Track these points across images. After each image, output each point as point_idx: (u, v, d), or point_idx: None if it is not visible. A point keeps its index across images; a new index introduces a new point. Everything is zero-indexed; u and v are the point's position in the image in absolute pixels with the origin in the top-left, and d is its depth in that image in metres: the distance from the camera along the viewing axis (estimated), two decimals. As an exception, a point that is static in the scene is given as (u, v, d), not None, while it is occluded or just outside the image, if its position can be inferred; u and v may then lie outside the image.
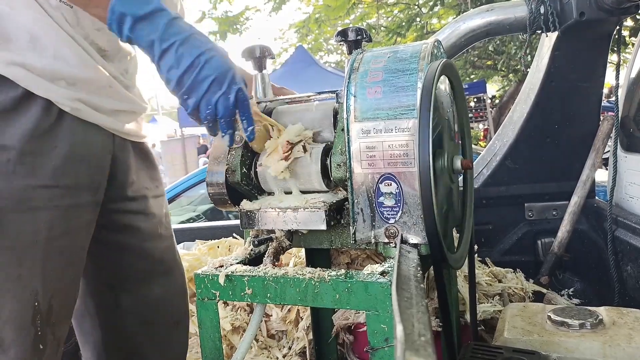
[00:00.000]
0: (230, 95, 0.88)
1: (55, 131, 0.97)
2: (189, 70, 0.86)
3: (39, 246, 0.96)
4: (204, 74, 0.86)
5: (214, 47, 0.89)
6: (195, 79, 0.86)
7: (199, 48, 0.87)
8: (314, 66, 8.76)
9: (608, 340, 1.06)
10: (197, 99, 0.87)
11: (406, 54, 0.94)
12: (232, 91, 0.88)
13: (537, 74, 1.96)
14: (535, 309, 1.26)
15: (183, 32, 0.87)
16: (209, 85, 0.86)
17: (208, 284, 0.94)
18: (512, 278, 1.82)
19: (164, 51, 0.86)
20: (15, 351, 0.93)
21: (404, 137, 0.88)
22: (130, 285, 1.20)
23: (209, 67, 0.86)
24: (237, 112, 0.91)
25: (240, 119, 0.92)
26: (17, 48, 0.92)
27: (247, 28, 11.32)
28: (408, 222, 0.90)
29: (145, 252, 1.20)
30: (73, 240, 1.02)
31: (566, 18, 1.73)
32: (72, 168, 1.00)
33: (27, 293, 0.95)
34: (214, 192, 1.08)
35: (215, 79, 0.87)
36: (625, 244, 1.66)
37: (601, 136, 1.92)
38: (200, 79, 0.86)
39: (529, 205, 2.04)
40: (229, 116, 0.89)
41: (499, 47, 7.44)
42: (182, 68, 0.86)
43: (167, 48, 0.86)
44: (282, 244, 1.02)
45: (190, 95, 0.87)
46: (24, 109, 0.94)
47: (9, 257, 0.92)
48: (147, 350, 1.24)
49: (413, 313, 0.60)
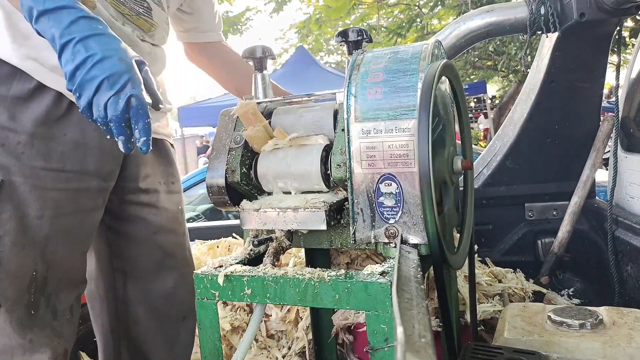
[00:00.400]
0: (120, 99, 0.82)
1: (65, 120, 1.06)
2: (81, 67, 0.82)
3: (44, 221, 1.04)
4: (94, 72, 0.82)
5: (119, 50, 0.85)
6: (84, 77, 0.82)
7: (99, 47, 0.83)
8: (315, 66, 8.77)
9: (608, 340, 1.06)
10: (88, 99, 0.83)
11: (407, 54, 0.94)
12: (124, 95, 0.82)
13: (537, 74, 1.96)
14: (536, 309, 1.26)
15: (87, 30, 0.84)
16: (98, 85, 0.82)
17: (207, 284, 0.94)
18: (512, 278, 1.82)
19: (63, 45, 0.83)
20: (15, 310, 1.01)
21: (404, 137, 0.88)
22: (140, 274, 1.27)
23: (100, 66, 0.82)
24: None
25: (133, 128, 0.85)
26: (35, 45, 1.01)
27: (248, 28, 11.33)
28: (408, 222, 0.90)
29: (156, 244, 1.27)
30: (80, 222, 1.11)
31: (566, 19, 1.73)
32: (81, 154, 1.08)
33: (29, 260, 1.03)
34: (213, 192, 1.08)
35: (105, 79, 0.82)
36: (626, 244, 1.66)
37: (601, 136, 1.92)
38: (90, 77, 0.82)
39: (529, 206, 2.04)
40: (117, 121, 0.83)
41: (499, 48, 7.44)
42: (74, 63, 0.82)
43: (66, 42, 0.83)
44: (282, 244, 1.02)
45: (81, 94, 0.84)
46: (37, 99, 1.04)
47: (17, 224, 1.02)
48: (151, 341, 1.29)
49: (413, 314, 0.60)
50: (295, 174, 1.02)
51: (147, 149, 0.87)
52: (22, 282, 1.02)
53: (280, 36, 14.33)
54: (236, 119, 1.10)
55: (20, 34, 1.02)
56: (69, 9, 0.84)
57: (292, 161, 1.03)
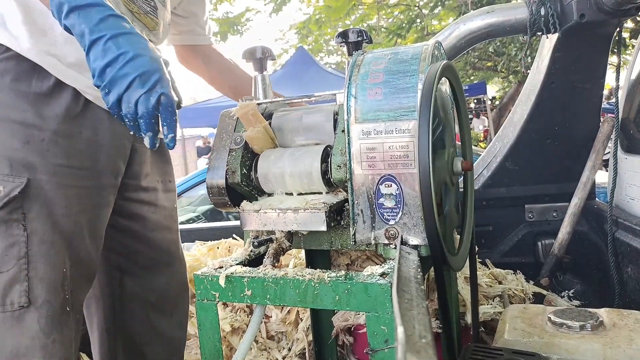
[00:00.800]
0: (151, 97, 0.85)
1: (81, 117, 1.08)
2: (112, 64, 0.84)
3: (70, 219, 1.05)
4: (126, 70, 0.84)
5: (148, 49, 0.88)
6: (116, 74, 0.84)
7: (130, 45, 0.85)
8: (315, 67, 8.76)
9: (608, 342, 1.06)
10: (117, 95, 0.85)
11: (407, 55, 0.94)
12: (155, 93, 0.85)
13: (537, 75, 1.96)
14: (536, 310, 1.25)
15: (117, 28, 0.86)
16: (130, 82, 0.84)
17: (208, 285, 0.94)
18: (513, 279, 1.82)
19: (92, 42, 0.84)
20: (46, 309, 1.02)
21: (404, 138, 0.88)
22: (136, 271, 1.28)
23: (133, 64, 0.84)
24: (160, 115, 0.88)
25: (162, 124, 0.89)
26: (53, 42, 1.02)
27: (248, 29, 11.34)
28: (408, 223, 0.90)
29: (152, 242, 1.28)
30: (96, 218, 1.13)
31: (566, 20, 1.73)
32: (95, 152, 1.10)
33: (59, 258, 1.04)
34: (214, 193, 1.08)
35: (138, 77, 0.84)
36: (626, 245, 1.66)
37: (601, 138, 1.92)
38: (122, 74, 0.84)
39: (529, 207, 2.04)
40: (148, 117, 0.86)
41: (499, 49, 7.45)
42: (105, 60, 0.84)
43: (96, 39, 0.84)
44: (282, 245, 1.02)
45: (110, 90, 0.85)
46: (56, 96, 1.04)
47: (45, 223, 1.02)
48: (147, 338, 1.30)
49: (414, 315, 0.60)
50: (296, 175, 1.02)
51: (174, 145, 0.93)
52: (53, 280, 1.03)
53: (280, 37, 14.35)
54: (236, 120, 1.10)
55: (38, 30, 1.02)
56: (98, 6, 0.86)
57: (293, 162, 1.02)
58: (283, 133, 1.11)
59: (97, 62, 0.85)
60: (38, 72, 1.03)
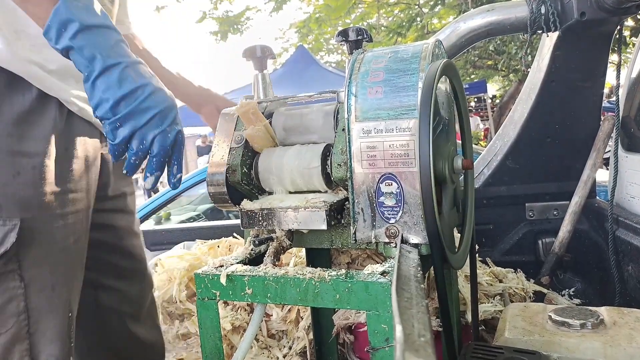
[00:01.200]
0: (170, 134, 0.81)
1: (67, 132, 0.96)
2: (130, 96, 0.78)
3: (67, 252, 0.94)
4: (148, 104, 0.78)
5: (159, 82, 0.83)
6: (136, 107, 0.78)
7: (146, 77, 0.80)
8: (315, 66, 8.75)
9: (609, 340, 1.06)
10: (132, 130, 0.78)
11: (407, 54, 0.94)
12: (174, 130, 0.81)
13: (537, 73, 1.96)
14: (536, 309, 1.25)
15: (131, 56, 0.81)
16: (150, 117, 0.79)
17: (208, 283, 0.94)
18: (513, 278, 1.82)
19: (107, 68, 0.77)
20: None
21: (404, 137, 0.88)
22: (110, 283, 1.18)
23: (154, 98, 0.79)
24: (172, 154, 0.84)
25: (172, 163, 0.85)
26: (30, 45, 0.89)
27: (248, 28, 11.32)
28: (409, 222, 0.90)
29: (124, 250, 1.20)
30: (83, 243, 1.02)
31: (567, 18, 1.73)
32: (86, 170, 1.00)
33: (62, 304, 0.94)
34: (214, 192, 1.08)
35: (159, 112, 0.79)
36: (626, 243, 1.66)
37: (602, 136, 1.92)
38: (143, 108, 0.78)
39: (530, 205, 2.04)
40: (163, 156, 0.81)
41: (499, 47, 7.44)
42: (123, 90, 0.77)
43: (112, 65, 0.78)
44: (282, 244, 1.02)
45: (124, 124, 0.78)
46: (40, 112, 0.91)
47: (43, 266, 0.90)
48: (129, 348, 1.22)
49: (413, 313, 0.60)
50: (296, 173, 1.02)
51: (179, 185, 0.87)
52: (58, 331, 0.92)
53: (280, 35, 14.33)
54: (237, 119, 1.10)
55: (11, 32, 0.88)
56: (110, 29, 0.80)
57: (293, 161, 1.03)
58: (283, 132, 1.11)
59: (111, 92, 0.77)
60: (17, 85, 0.88)
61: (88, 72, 0.78)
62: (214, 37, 11.30)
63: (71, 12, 0.76)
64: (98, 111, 0.79)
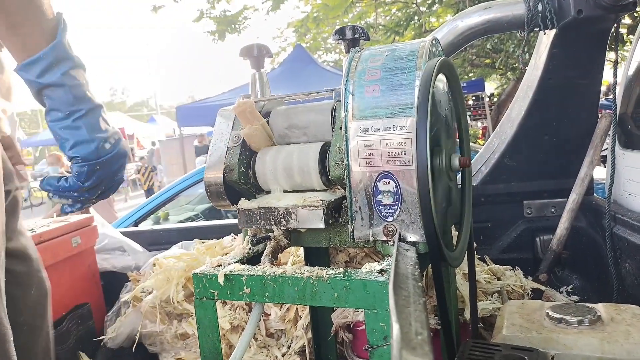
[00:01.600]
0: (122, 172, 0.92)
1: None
2: (110, 139, 0.86)
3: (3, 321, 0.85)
4: (122, 151, 0.89)
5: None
6: (117, 153, 0.87)
7: (109, 123, 0.89)
8: (312, 65, 8.75)
9: (606, 336, 1.06)
10: (106, 174, 0.87)
11: (404, 52, 0.94)
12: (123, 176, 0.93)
13: (535, 71, 1.96)
14: (534, 306, 1.26)
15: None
16: (121, 164, 0.89)
17: (206, 283, 0.94)
18: (511, 275, 1.82)
19: (92, 109, 0.83)
20: None
21: (402, 135, 0.88)
22: (22, 321, 1.03)
23: (123, 144, 0.89)
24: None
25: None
26: None
27: (246, 27, 11.29)
28: (406, 220, 0.90)
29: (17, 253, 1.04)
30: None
31: (564, 15, 1.73)
32: (4, 205, 0.91)
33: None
34: (212, 191, 1.08)
35: (125, 159, 0.91)
36: (624, 240, 1.66)
37: (599, 133, 1.92)
38: (121, 154, 0.88)
39: (528, 203, 2.04)
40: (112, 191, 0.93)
41: (497, 45, 7.45)
42: (105, 134, 0.85)
43: (96, 107, 0.84)
44: (280, 243, 1.02)
45: (103, 168, 0.86)
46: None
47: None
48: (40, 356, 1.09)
49: (410, 312, 0.60)
50: (293, 172, 1.02)
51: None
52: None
53: (277, 35, 14.31)
54: (234, 118, 1.10)
55: None
56: (85, 71, 0.85)
57: (290, 160, 1.02)
58: (280, 131, 1.11)
59: (96, 134, 0.83)
60: None
61: (70, 110, 0.78)
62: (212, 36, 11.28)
63: (66, 51, 0.79)
64: (78, 151, 0.79)
